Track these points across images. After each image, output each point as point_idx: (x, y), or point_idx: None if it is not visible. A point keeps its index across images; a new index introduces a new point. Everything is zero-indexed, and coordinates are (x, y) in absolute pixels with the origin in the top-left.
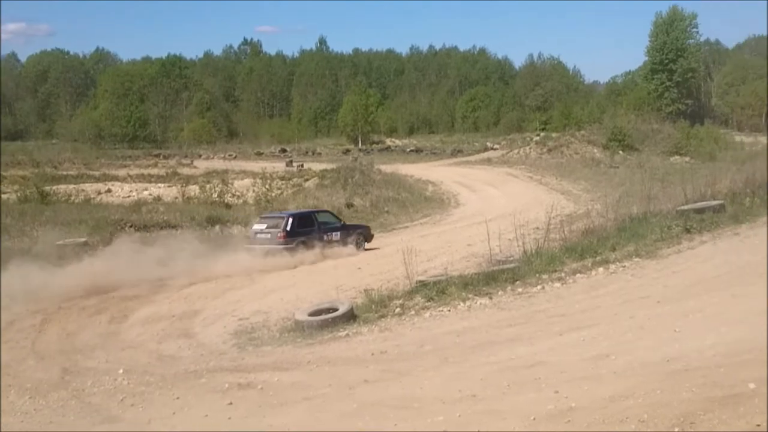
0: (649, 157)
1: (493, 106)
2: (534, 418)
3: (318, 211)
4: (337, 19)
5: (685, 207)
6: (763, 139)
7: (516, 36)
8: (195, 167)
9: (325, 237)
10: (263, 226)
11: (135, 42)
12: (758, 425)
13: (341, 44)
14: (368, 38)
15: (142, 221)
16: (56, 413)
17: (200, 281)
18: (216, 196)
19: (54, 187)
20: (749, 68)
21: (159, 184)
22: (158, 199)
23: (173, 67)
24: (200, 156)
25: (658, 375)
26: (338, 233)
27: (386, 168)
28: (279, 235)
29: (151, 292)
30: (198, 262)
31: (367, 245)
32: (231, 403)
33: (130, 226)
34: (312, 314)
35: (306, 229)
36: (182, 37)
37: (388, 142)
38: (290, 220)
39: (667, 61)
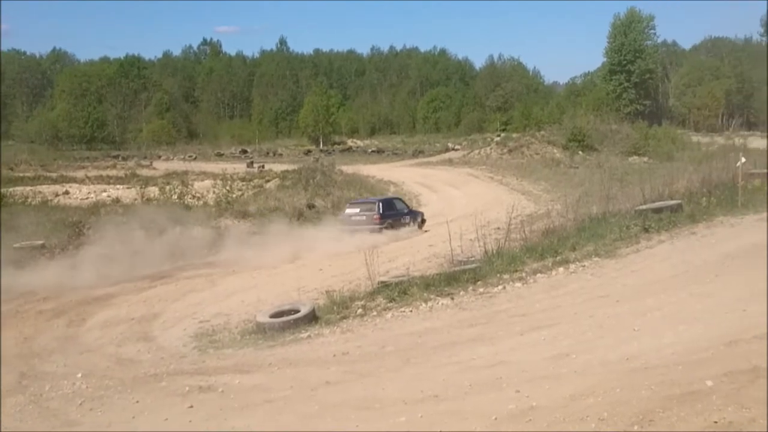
0: (608, 158)
1: (454, 107)
2: (495, 418)
3: (394, 198)
4: (298, 20)
5: (644, 207)
6: (719, 139)
7: (476, 37)
8: (154, 168)
9: (401, 219)
10: (356, 210)
11: (93, 42)
12: (716, 422)
13: (302, 45)
14: (329, 39)
15: (101, 223)
16: (13, 418)
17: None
18: (176, 197)
19: (10, 189)
20: (705, 69)
21: (118, 186)
22: (117, 200)
23: (132, 67)
24: (159, 157)
25: (618, 373)
26: (408, 217)
27: (348, 169)
28: (375, 217)
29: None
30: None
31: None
32: (191, 407)
33: (89, 228)
34: (273, 316)
35: (390, 212)
36: (141, 38)
37: (350, 142)
38: (381, 204)
39: (625, 62)
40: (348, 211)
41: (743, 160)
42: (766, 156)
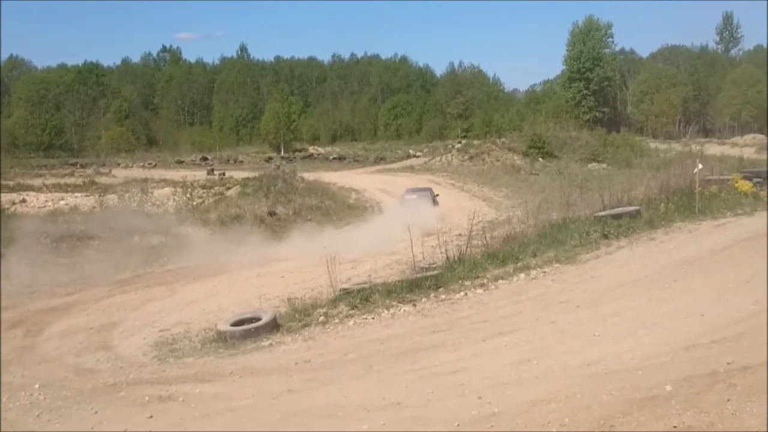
0: (567, 164)
1: (415, 114)
2: (458, 425)
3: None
4: (258, 27)
5: (603, 213)
6: (676, 145)
7: (437, 44)
8: (113, 176)
9: (435, 198)
10: (414, 197)
11: (50, 49)
12: (675, 426)
13: (262, 52)
14: (290, 46)
15: (58, 232)
16: None
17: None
18: (135, 205)
19: None
20: (663, 77)
21: (76, 194)
22: (75, 208)
23: (90, 74)
24: (119, 165)
25: (579, 379)
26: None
27: (309, 176)
28: (427, 199)
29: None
30: None
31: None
32: (151, 417)
33: (46, 237)
34: (234, 324)
35: (433, 196)
36: (99, 44)
37: (311, 149)
38: (431, 191)
39: (584, 69)
40: (407, 197)
41: (700, 166)
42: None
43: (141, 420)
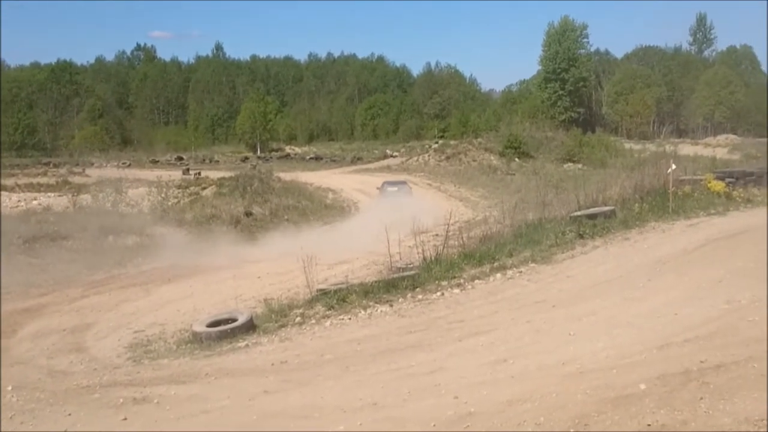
0: (543, 164)
1: (392, 114)
2: (434, 425)
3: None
4: (234, 26)
5: (578, 213)
6: (650, 146)
7: (414, 44)
8: (87, 176)
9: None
10: (395, 189)
11: (23, 47)
12: (649, 425)
13: (238, 51)
14: (266, 45)
15: (31, 232)
16: None
17: None
18: (110, 205)
19: None
20: (637, 77)
21: (49, 194)
22: (48, 209)
23: (63, 72)
24: (92, 164)
25: (554, 378)
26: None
27: (286, 176)
28: (407, 191)
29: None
30: None
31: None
32: (126, 419)
33: (18, 238)
34: (210, 325)
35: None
36: (73, 43)
37: (288, 149)
38: (406, 183)
39: (559, 70)
40: (388, 189)
41: (674, 166)
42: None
43: (115, 422)
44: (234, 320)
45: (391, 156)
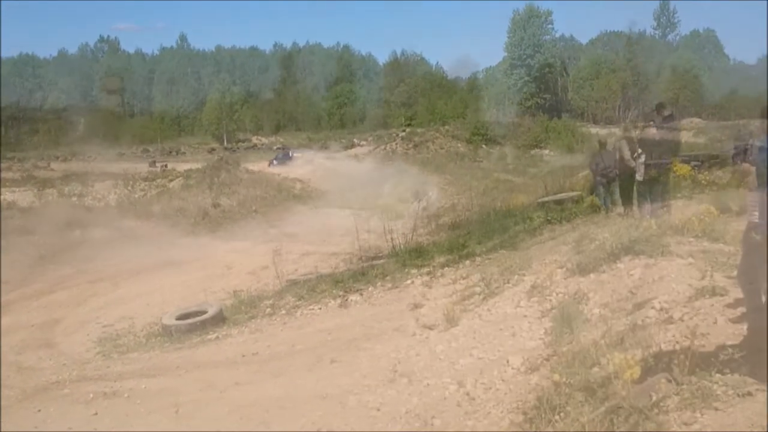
0: (510, 151)
1: (358, 103)
2: (407, 411)
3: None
4: (198, 16)
5: (546, 198)
6: (616, 130)
7: (379, 33)
8: (52, 170)
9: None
10: (285, 156)
11: None
12: None
13: (203, 41)
14: (230, 35)
15: None
16: None
17: None
18: (76, 199)
19: None
20: (602, 63)
21: (13, 189)
22: (13, 204)
23: (26, 66)
24: (57, 158)
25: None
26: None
27: (253, 167)
28: (292, 155)
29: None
30: None
31: None
32: (96, 414)
33: None
34: (180, 318)
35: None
36: (34, 35)
37: (255, 140)
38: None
39: (525, 56)
40: (280, 156)
41: (639, 151)
42: None
43: (85, 417)
44: (204, 312)
45: (359, 145)
